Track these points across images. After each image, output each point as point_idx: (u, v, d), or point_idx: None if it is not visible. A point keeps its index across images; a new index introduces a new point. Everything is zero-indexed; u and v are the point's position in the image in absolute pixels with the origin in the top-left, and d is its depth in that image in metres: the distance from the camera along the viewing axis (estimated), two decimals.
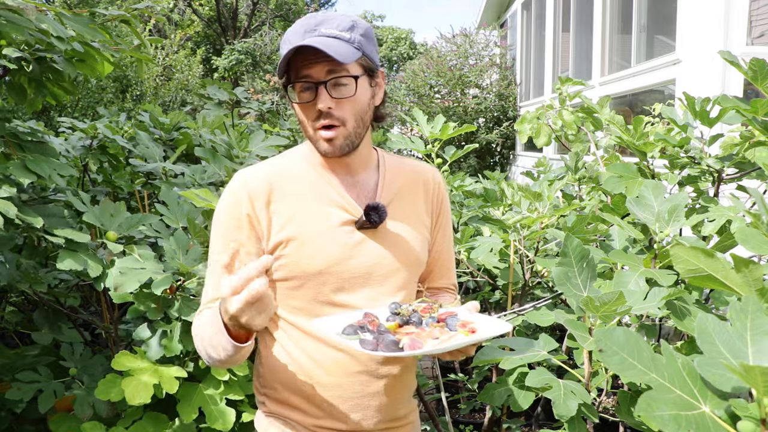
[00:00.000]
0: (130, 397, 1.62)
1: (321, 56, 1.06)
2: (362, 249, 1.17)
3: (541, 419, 2.52)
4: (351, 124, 1.13)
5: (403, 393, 1.26)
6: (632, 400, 1.36)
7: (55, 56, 1.87)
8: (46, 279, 1.93)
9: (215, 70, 20.23)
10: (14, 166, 1.71)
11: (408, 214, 1.24)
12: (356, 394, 1.18)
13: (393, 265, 1.20)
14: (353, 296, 1.16)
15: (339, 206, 1.17)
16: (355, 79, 1.11)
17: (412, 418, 1.30)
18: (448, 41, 10.38)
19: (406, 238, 1.22)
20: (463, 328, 1.04)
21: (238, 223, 1.15)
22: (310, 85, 1.09)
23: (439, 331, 1.03)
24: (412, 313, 1.08)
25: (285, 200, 1.16)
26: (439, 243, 1.33)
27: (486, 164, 9.75)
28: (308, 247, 1.14)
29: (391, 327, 1.03)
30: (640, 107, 5.05)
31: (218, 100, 2.86)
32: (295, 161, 1.22)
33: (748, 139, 1.84)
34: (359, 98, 1.13)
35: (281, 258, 1.15)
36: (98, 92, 9.36)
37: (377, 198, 1.21)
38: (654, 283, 1.36)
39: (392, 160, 1.29)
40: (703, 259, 0.86)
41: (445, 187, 1.34)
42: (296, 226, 1.14)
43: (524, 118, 2.95)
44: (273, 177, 1.18)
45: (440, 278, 1.37)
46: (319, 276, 1.14)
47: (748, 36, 3.58)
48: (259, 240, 1.16)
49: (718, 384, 0.71)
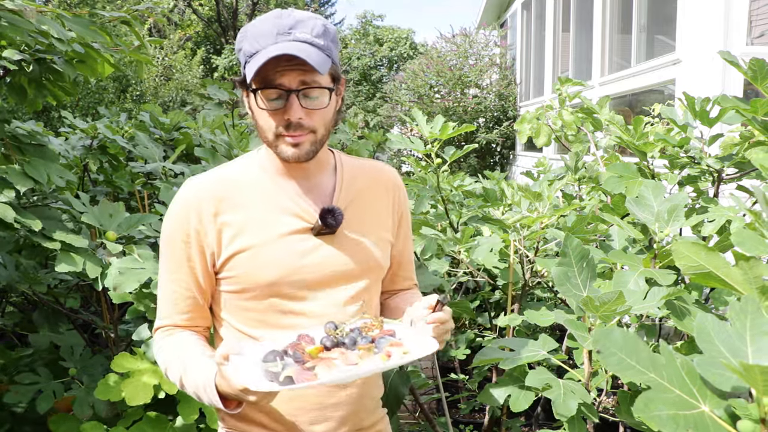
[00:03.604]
0: (130, 398, 1.62)
1: (296, 63, 1.02)
2: (318, 255, 1.13)
3: (541, 419, 2.52)
4: (320, 132, 1.10)
5: (367, 403, 1.21)
6: (632, 400, 1.36)
7: (55, 57, 1.87)
8: (45, 279, 1.93)
9: (215, 69, 20.23)
10: (12, 172, 1.70)
11: (368, 217, 1.20)
12: (317, 405, 1.14)
13: (352, 271, 1.16)
14: (311, 304, 1.13)
15: (293, 214, 1.13)
16: (330, 91, 1.08)
17: (380, 427, 1.26)
18: (448, 41, 10.39)
19: (365, 242, 1.18)
20: (391, 348, 1.00)
21: (186, 237, 1.12)
22: (281, 93, 1.05)
23: (361, 354, 0.98)
24: (349, 333, 1.03)
25: (235, 210, 1.12)
26: (402, 244, 1.29)
27: (486, 164, 9.75)
28: (259, 258, 1.10)
29: (312, 351, 0.98)
30: (640, 107, 5.05)
31: (218, 100, 2.86)
32: (248, 168, 1.17)
33: (747, 139, 1.84)
34: (329, 108, 1.10)
35: (233, 269, 1.11)
36: (98, 92, 9.37)
37: (334, 201, 1.16)
38: (654, 282, 1.36)
39: (350, 161, 1.25)
40: (704, 256, 0.86)
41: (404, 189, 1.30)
42: (247, 237, 1.11)
43: (524, 118, 2.96)
44: (223, 186, 1.13)
45: (404, 280, 1.34)
46: (273, 286, 1.11)
47: (748, 36, 3.58)
48: (206, 254, 1.12)
49: (718, 383, 0.71)
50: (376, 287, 1.24)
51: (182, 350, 1.10)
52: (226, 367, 0.95)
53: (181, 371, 1.08)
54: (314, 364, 0.95)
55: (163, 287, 1.16)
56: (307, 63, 1.00)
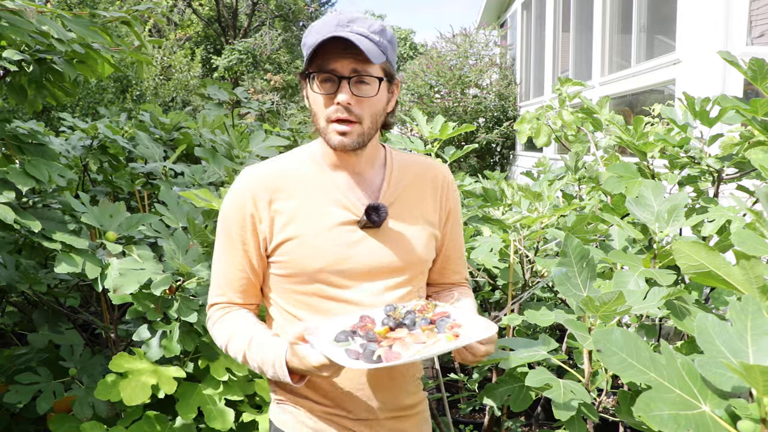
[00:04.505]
0: (128, 399, 1.62)
1: (349, 51, 1.09)
2: (363, 247, 1.19)
3: (541, 419, 2.51)
4: (366, 124, 1.15)
5: (406, 385, 1.28)
6: (632, 400, 1.36)
7: (55, 57, 1.87)
8: (45, 279, 1.93)
9: (215, 69, 20.24)
10: (13, 171, 1.70)
11: (413, 213, 1.25)
12: (359, 385, 1.22)
13: (394, 263, 1.21)
14: (353, 293, 1.19)
15: (342, 206, 1.20)
16: (379, 80, 1.14)
17: (419, 409, 1.32)
18: (448, 41, 10.38)
19: (409, 236, 1.23)
20: (450, 331, 1.05)
21: (242, 222, 1.19)
22: (333, 78, 1.11)
23: (426, 335, 1.04)
24: (406, 314, 1.09)
25: (288, 200, 1.19)
26: (449, 240, 1.34)
27: (486, 164, 9.74)
28: (307, 247, 1.17)
29: (381, 332, 1.05)
30: (640, 107, 5.05)
31: (218, 100, 2.87)
32: (302, 160, 1.24)
33: (747, 139, 1.84)
34: (378, 100, 1.15)
35: (282, 255, 1.18)
36: (99, 92, 9.37)
37: (381, 196, 1.22)
38: (653, 282, 1.36)
39: (400, 157, 1.30)
40: (705, 255, 0.86)
41: (455, 184, 1.35)
42: (296, 226, 1.18)
43: (524, 118, 2.96)
44: (278, 176, 1.21)
45: (453, 274, 1.39)
46: (319, 274, 1.17)
47: (748, 36, 3.59)
48: (259, 238, 1.20)
49: (718, 383, 0.71)
50: (418, 280, 1.28)
51: (246, 327, 1.19)
52: (299, 346, 1.05)
53: (244, 347, 1.16)
54: (389, 343, 1.02)
55: (220, 266, 1.24)
56: (360, 52, 1.07)
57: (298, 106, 15.10)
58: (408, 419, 1.28)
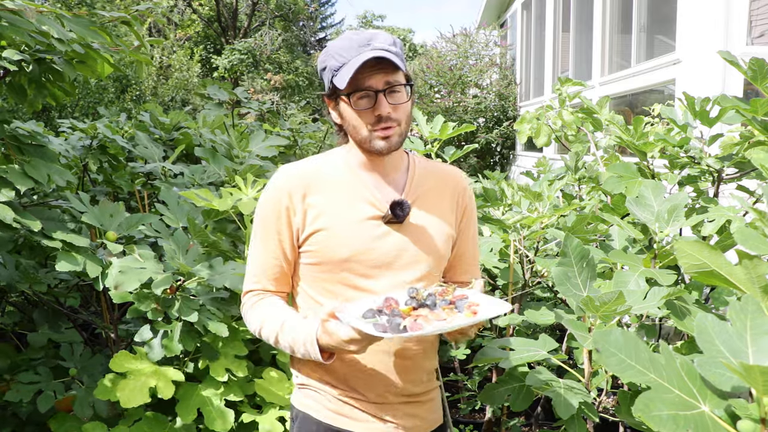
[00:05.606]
0: (125, 401, 1.62)
1: (379, 67, 1.21)
2: (386, 240, 1.30)
3: (541, 419, 2.52)
4: (404, 125, 1.28)
5: (418, 373, 1.36)
6: (632, 400, 1.36)
7: (55, 57, 1.87)
8: (45, 279, 1.92)
9: (215, 69, 20.23)
10: (12, 172, 1.70)
11: (432, 212, 1.37)
12: (374, 370, 1.32)
13: (415, 256, 1.32)
14: (376, 282, 1.29)
15: (368, 202, 1.31)
16: (405, 86, 1.27)
17: (432, 396, 1.41)
18: (448, 41, 10.38)
19: (429, 232, 1.35)
20: (468, 310, 1.14)
21: (278, 214, 1.31)
22: (370, 94, 1.24)
23: (447, 312, 1.13)
24: (428, 296, 1.17)
25: (320, 195, 1.31)
26: (462, 240, 1.44)
27: (486, 164, 9.74)
28: (336, 237, 1.28)
29: (405, 310, 1.14)
30: (640, 107, 5.05)
31: (218, 100, 2.87)
32: (334, 161, 1.36)
33: (747, 139, 1.84)
34: (408, 103, 1.29)
35: (312, 245, 1.30)
36: (98, 92, 9.37)
37: (404, 195, 1.34)
38: (654, 282, 1.36)
39: (423, 163, 1.42)
40: (707, 254, 0.86)
41: (471, 189, 1.46)
42: (327, 218, 1.29)
43: (524, 118, 2.95)
44: (312, 174, 1.33)
45: (464, 273, 1.47)
46: (345, 263, 1.28)
47: (748, 36, 3.58)
48: (293, 229, 1.31)
49: (718, 383, 0.71)
50: (435, 272, 1.38)
51: (279, 312, 1.30)
52: (329, 323, 1.14)
53: (277, 329, 1.27)
54: (414, 318, 1.11)
55: (255, 256, 1.35)
56: (390, 65, 1.21)
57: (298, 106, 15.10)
58: (420, 405, 1.37)
